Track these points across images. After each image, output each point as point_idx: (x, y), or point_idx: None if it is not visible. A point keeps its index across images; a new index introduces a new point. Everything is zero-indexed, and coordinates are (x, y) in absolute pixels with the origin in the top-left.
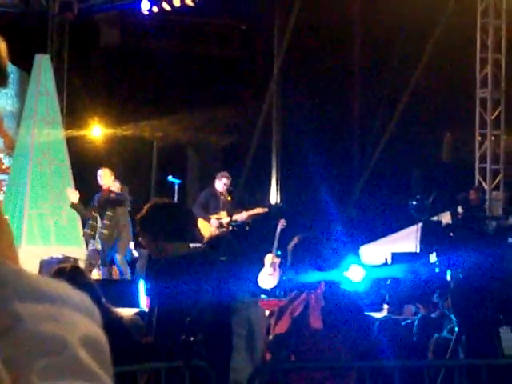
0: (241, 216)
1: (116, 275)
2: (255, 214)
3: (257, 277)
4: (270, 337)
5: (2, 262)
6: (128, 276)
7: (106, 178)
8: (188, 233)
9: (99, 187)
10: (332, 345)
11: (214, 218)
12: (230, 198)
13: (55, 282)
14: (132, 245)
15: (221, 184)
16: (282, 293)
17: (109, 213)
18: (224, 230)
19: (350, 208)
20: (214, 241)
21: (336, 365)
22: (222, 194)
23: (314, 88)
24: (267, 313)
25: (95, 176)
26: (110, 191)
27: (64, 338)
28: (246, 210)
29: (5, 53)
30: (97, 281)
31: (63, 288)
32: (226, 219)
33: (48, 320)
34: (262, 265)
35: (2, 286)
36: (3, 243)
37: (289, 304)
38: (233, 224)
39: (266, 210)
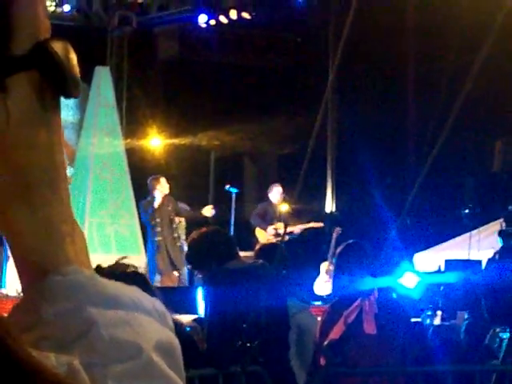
0: (297, 228)
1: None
2: (310, 228)
3: (312, 284)
4: (325, 342)
5: (76, 267)
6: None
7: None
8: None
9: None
10: (386, 350)
11: (270, 228)
12: (285, 208)
13: (126, 288)
14: None
15: (274, 194)
16: None
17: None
18: (279, 239)
19: (404, 216)
20: (266, 249)
21: (390, 370)
22: (277, 204)
23: (369, 97)
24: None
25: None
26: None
27: (138, 343)
28: (302, 222)
29: (75, 61)
30: (156, 288)
31: (135, 293)
32: (282, 230)
33: (122, 325)
34: (318, 272)
35: (76, 292)
36: (77, 248)
37: (339, 310)
38: (289, 236)
39: (321, 224)
